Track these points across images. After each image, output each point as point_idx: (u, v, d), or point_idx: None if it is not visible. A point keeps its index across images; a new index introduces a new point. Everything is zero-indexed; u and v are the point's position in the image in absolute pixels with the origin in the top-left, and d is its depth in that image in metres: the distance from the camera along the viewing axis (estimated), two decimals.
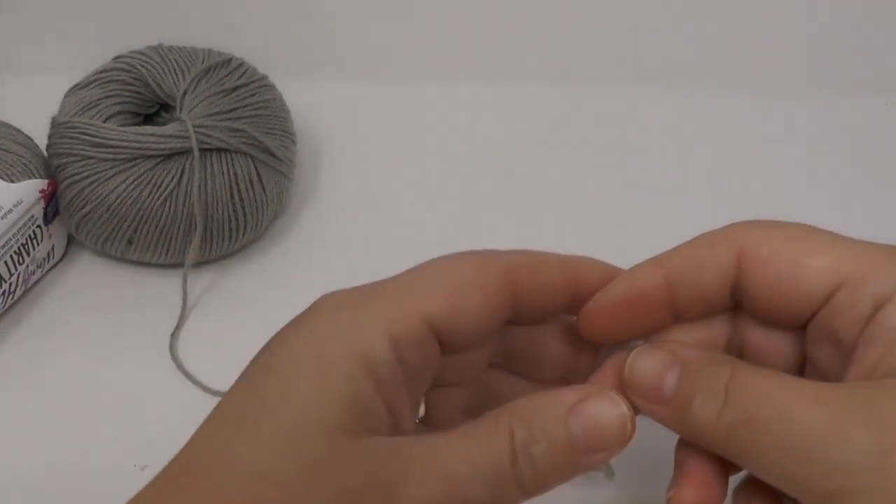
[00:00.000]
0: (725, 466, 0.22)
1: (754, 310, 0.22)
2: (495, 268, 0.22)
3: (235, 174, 0.41)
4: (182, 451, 0.20)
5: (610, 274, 0.24)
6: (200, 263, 0.42)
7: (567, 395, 0.21)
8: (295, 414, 0.19)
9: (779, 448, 0.19)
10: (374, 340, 0.19)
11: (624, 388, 0.22)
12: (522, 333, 0.24)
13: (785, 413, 0.19)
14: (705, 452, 0.22)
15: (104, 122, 0.41)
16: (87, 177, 0.39)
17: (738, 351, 0.24)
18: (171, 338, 0.39)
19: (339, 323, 0.20)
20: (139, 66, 0.43)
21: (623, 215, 0.47)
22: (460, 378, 0.24)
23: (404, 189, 0.48)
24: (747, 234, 0.22)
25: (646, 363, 0.21)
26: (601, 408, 0.21)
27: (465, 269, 0.21)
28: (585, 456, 0.21)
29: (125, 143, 0.39)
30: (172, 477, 0.20)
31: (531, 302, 0.22)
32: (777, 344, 0.23)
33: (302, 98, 0.48)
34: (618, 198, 0.48)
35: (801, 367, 0.23)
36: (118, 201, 0.39)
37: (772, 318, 0.22)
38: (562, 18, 0.54)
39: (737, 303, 0.23)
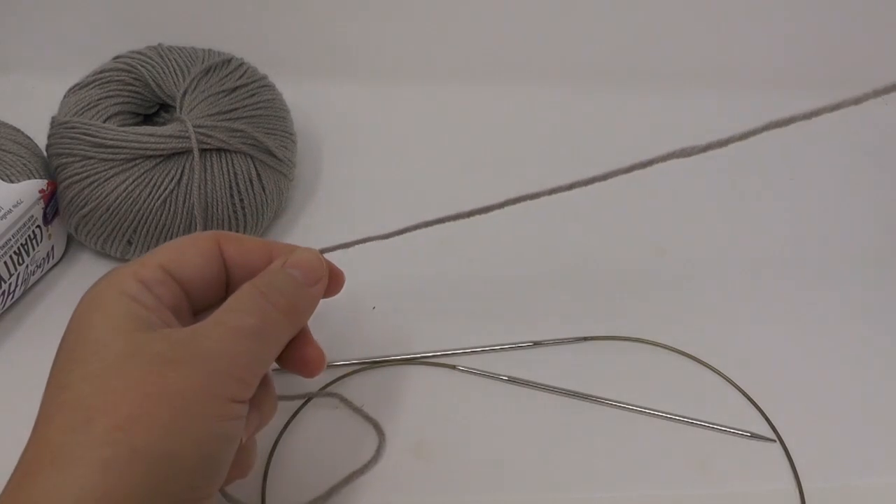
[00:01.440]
0: None
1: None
2: (207, 234, 0.30)
3: (235, 174, 0.41)
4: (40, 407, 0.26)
5: (295, 246, 0.31)
6: None
7: (279, 260, 0.30)
8: (100, 336, 0.25)
9: None
10: (129, 284, 0.27)
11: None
12: None
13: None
14: None
15: (104, 122, 0.41)
16: (86, 177, 0.39)
17: None
18: None
19: (106, 281, 0.28)
20: (139, 66, 0.43)
21: (623, 214, 0.47)
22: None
23: (404, 189, 0.48)
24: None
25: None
26: (301, 255, 0.30)
27: (186, 237, 0.30)
28: (309, 287, 0.30)
29: (125, 144, 0.39)
30: (39, 424, 0.25)
31: (236, 259, 0.30)
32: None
33: (302, 98, 0.48)
34: (617, 197, 0.48)
35: None
36: (118, 201, 0.39)
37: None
38: (562, 19, 0.54)
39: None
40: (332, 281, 0.32)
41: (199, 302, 0.30)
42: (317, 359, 0.31)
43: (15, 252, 0.38)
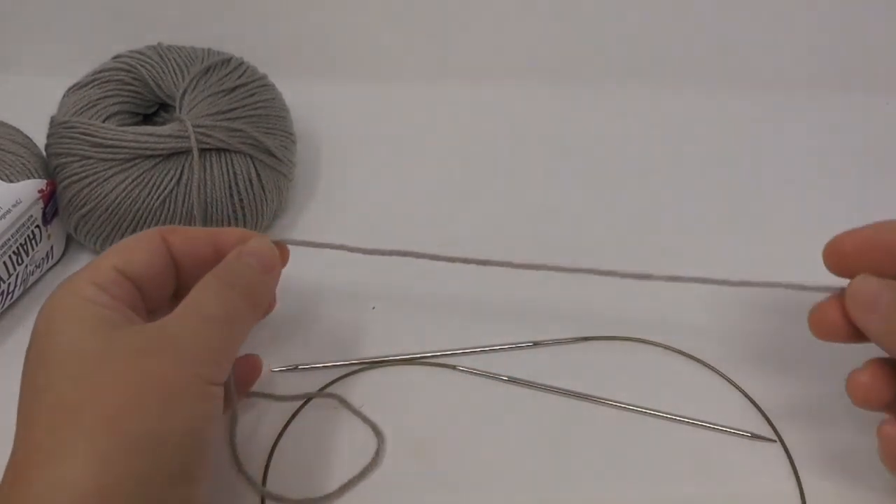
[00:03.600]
0: None
1: None
2: (151, 231, 0.31)
3: (235, 174, 0.40)
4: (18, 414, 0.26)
5: (245, 235, 0.32)
6: None
7: (235, 250, 0.31)
8: (67, 339, 0.26)
9: None
10: (87, 288, 0.28)
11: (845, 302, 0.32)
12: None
13: None
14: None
15: (103, 121, 0.41)
16: (86, 177, 0.39)
17: None
18: None
19: (63, 290, 0.28)
20: (138, 66, 0.43)
21: (622, 214, 0.47)
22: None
23: (404, 188, 0.48)
24: None
25: (868, 283, 0.31)
26: (255, 244, 0.31)
27: (133, 236, 0.31)
28: (266, 273, 0.31)
29: (124, 143, 0.39)
30: (19, 431, 0.25)
31: (183, 250, 0.31)
32: None
33: (302, 98, 0.48)
34: (617, 196, 0.48)
35: None
36: (117, 201, 0.39)
37: None
38: (562, 19, 0.54)
39: None
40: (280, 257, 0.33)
41: (152, 299, 0.31)
42: (256, 367, 0.34)
43: (14, 252, 0.38)
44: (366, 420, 0.36)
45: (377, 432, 0.35)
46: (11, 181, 0.38)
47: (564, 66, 0.55)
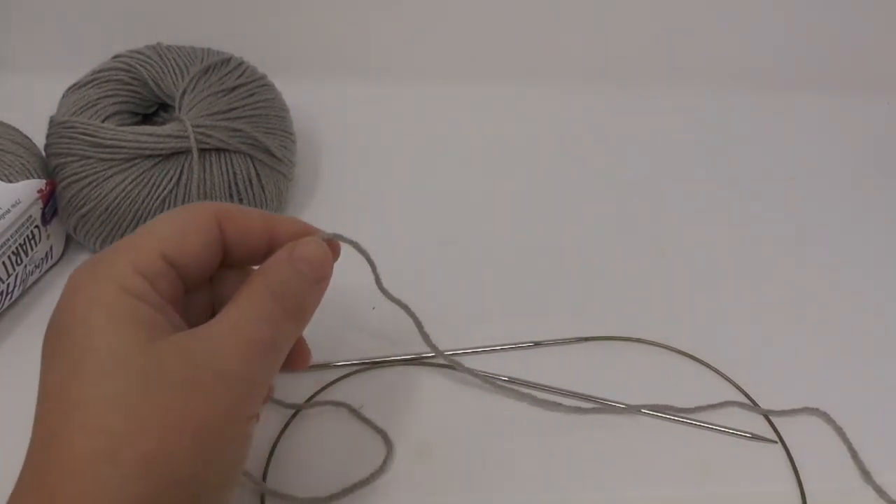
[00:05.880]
0: None
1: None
2: (204, 210, 0.28)
3: (234, 174, 0.40)
4: (35, 421, 0.24)
5: (303, 229, 0.29)
6: None
7: (285, 249, 0.28)
8: (105, 345, 0.23)
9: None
10: (130, 278, 0.25)
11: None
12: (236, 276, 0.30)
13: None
14: None
15: (102, 121, 0.41)
16: (85, 177, 0.39)
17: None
18: None
19: (102, 270, 0.25)
20: (138, 66, 0.43)
21: (622, 213, 0.47)
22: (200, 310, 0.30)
23: (404, 188, 0.48)
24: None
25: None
26: (309, 248, 0.28)
27: (182, 214, 0.27)
28: (317, 284, 0.28)
29: (124, 143, 0.39)
30: (37, 443, 0.24)
31: (236, 240, 0.28)
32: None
33: (302, 98, 0.48)
34: (616, 196, 0.48)
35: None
36: (117, 201, 0.39)
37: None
38: (562, 19, 0.54)
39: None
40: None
41: (191, 283, 0.28)
42: (306, 355, 0.31)
43: (13, 252, 0.38)
44: (365, 421, 0.36)
45: (378, 432, 0.35)
46: (11, 181, 0.38)
47: (565, 67, 0.55)
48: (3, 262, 0.37)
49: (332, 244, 0.30)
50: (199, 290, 0.29)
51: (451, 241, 0.44)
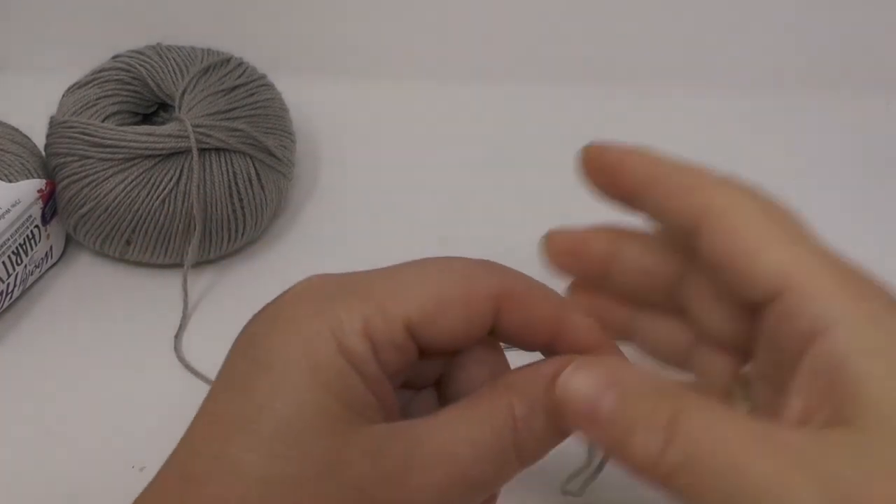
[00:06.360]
0: None
1: (706, 269, 0.22)
2: (484, 288, 0.22)
3: (234, 174, 0.40)
4: (177, 454, 0.20)
5: (596, 339, 0.23)
6: (200, 263, 0.42)
7: (550, 367, 0.21)
8: (293, 411, 0.19)
9: (724, 498, 0.18)
10: (354, 340, 0.20)
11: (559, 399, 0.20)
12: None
13: (731, 462, 0.18)
14: None
15: (102, 121, 0.41)
16: (85, 176, 0.39)
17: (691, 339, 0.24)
18: (175, 339, 0.39)
19: (325, 318, 0.20)
20: (138, 66, 0.43)
21: (622, 213, 0.47)
22: (428, 376, 0.24)
23: (404, 189, 0.48)
24: (716, 196, 0.22)
25: (581, 380, 0.20)
26: (585, 380, 0.20)
27: (453, 280, 0.21)
28: (565, 434, 0.22)
29: (123, 143, 0.39)
30: (172, 483, 0.20)
31: (511, 331, 0.22)
32: (727, 329, 0.23)
33: (302, 98, 0.48)
34: None
35: (748, 355, 0.23)
36: (116, 201, 0.39)
37: (720, 290, 0.22)
38: (562, 19, 0.54)
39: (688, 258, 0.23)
40: None
41: (428, 355, 0.22)
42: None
43: (13, 252, 0.38)
44: None
45: None
46: (10, 181, 0.38)
47: (565, 67, 0.55)
48: (3, 262, 0.37)
49: (608, 349, 0.23)
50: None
51: (450, 241, 0.44)
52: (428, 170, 0.49)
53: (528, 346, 0.23)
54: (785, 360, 0.20)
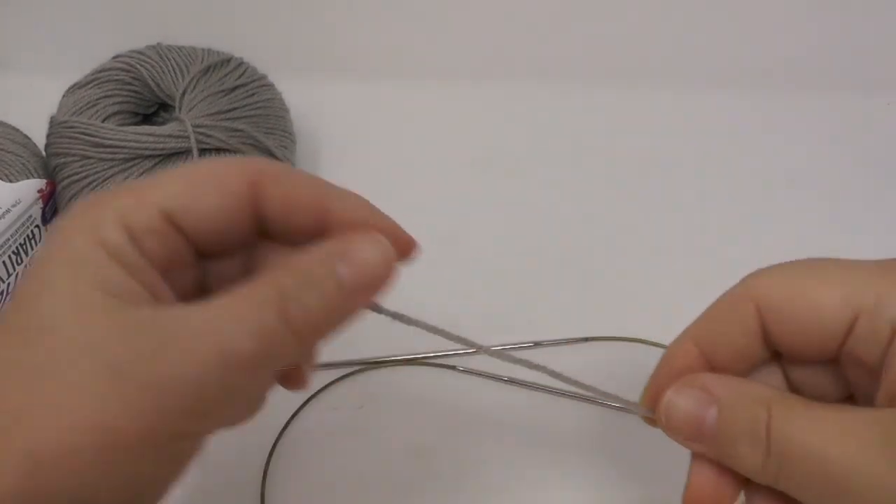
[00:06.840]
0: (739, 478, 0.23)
1: (788, 353, 0.23)
2: (238, 171, 0.22)
3: None
4: None
5: (365, 216, 0.24)
6: None
7: (332, 243, 0.22)
8: (49, 304, 0.19)
9: (820, 486, 0.20)
10: (109, 230, 0.20)
11: (664, 426, 0.24)
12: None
13: (820, 453, 0.20)
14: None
15: (103, 121, 0.41)
16: (85, 177, 0.39)
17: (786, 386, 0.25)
18: None
19: (83, 217, 0.21)
20: (138, 66, 0.43)
21: (622, 214, 0.47)
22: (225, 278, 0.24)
23: (404, 189, 0.48)
24: (760, 286, 0.23)
25: (682, 402, 0.23)
26: (365, 252, 0.22)
27: (206, 169, 0.22)
28: (354, 296, 0.22)
29: (124, 143, 0.39)
30: None
31: (276, 214, 0.22)
32: (819, 377, 0.24)
33: (302, 98, 0.48)
34: (617, 196, 0.48)
35: (847, 390, 0.24)
36: None
37: (804, 357, 0.23)
38: (562, 19, 0.54)
39: (773, 350, 0.24)
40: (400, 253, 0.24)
41: (209, 250, 0.22)
42: (300, 380, 0.26)
43: (13, 252, 0.38)
44: (365, 421, 0.36)
45: (377, 433, 0.36)
46: (11, 181, 0.38)
47: (565, 66, 0.55)
48: (3, 262, 0.37)
49: (403, 243, 0.23)
50: (233, 259, 0.24)
51: (450, 241, 0.44)
52: (428, 169, 0.49)
53: (300, 236, 0.23)
54: (871, 373, 0.22)
